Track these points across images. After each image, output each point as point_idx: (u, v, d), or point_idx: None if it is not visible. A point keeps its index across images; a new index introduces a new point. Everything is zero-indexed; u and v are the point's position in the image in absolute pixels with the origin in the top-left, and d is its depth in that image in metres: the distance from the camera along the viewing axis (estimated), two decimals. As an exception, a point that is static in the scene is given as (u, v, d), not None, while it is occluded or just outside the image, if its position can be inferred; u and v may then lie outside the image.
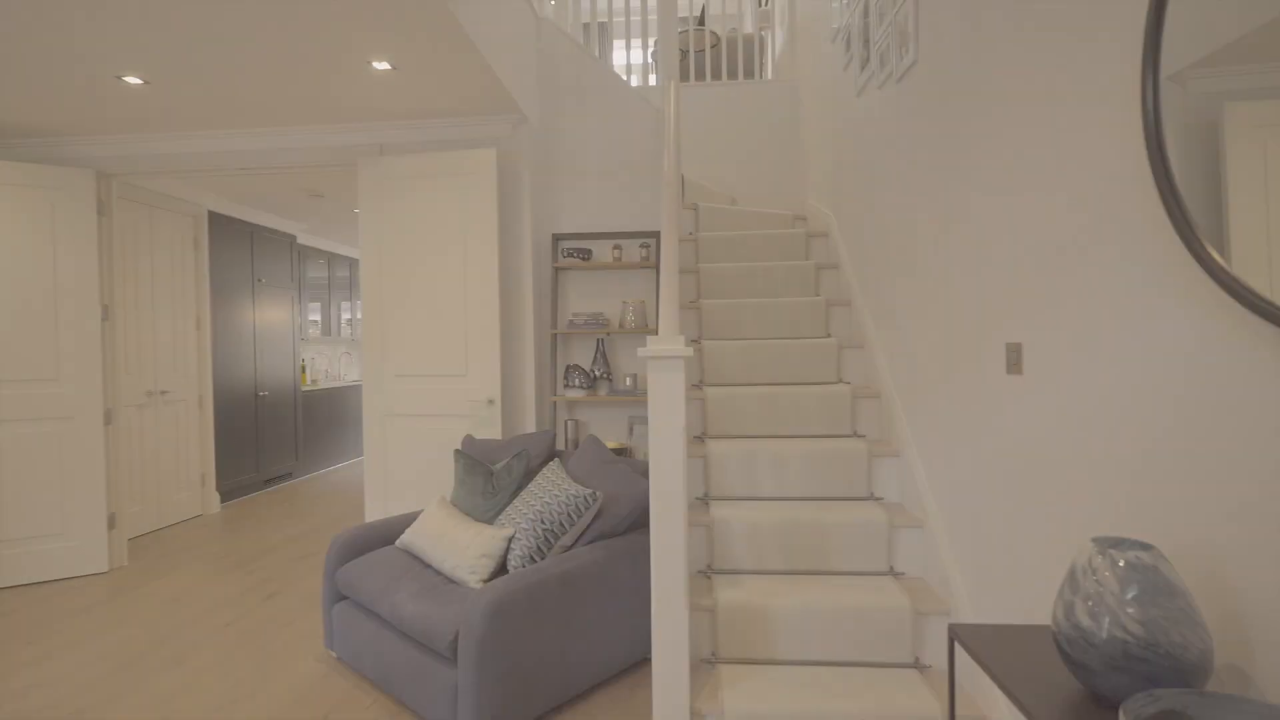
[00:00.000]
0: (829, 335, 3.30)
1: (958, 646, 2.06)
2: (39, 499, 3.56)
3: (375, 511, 3.58)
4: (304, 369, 6.50)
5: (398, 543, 2.70)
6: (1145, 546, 1.06)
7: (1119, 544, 1.10)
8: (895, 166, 2.65)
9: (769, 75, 5.57)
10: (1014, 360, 1.75)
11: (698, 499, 2.68)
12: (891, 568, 2.39)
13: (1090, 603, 1.03)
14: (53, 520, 3.59)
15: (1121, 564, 1.02)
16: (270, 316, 5.83)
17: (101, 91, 3.08)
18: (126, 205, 4.36)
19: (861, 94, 3.10)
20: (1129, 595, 1.00)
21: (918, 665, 2.12)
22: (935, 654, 2.14)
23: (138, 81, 2.97)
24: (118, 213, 3.86)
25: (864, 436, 2.83)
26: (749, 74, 5.37)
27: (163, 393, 4.63)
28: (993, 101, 1.85)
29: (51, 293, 3.58)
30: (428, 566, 2.51)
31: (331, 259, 7.10)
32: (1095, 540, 1.10)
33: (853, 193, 3.33)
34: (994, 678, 1.15)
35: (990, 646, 1.24)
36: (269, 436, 5.80)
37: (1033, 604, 1.70)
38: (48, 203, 3.58)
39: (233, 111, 3.39)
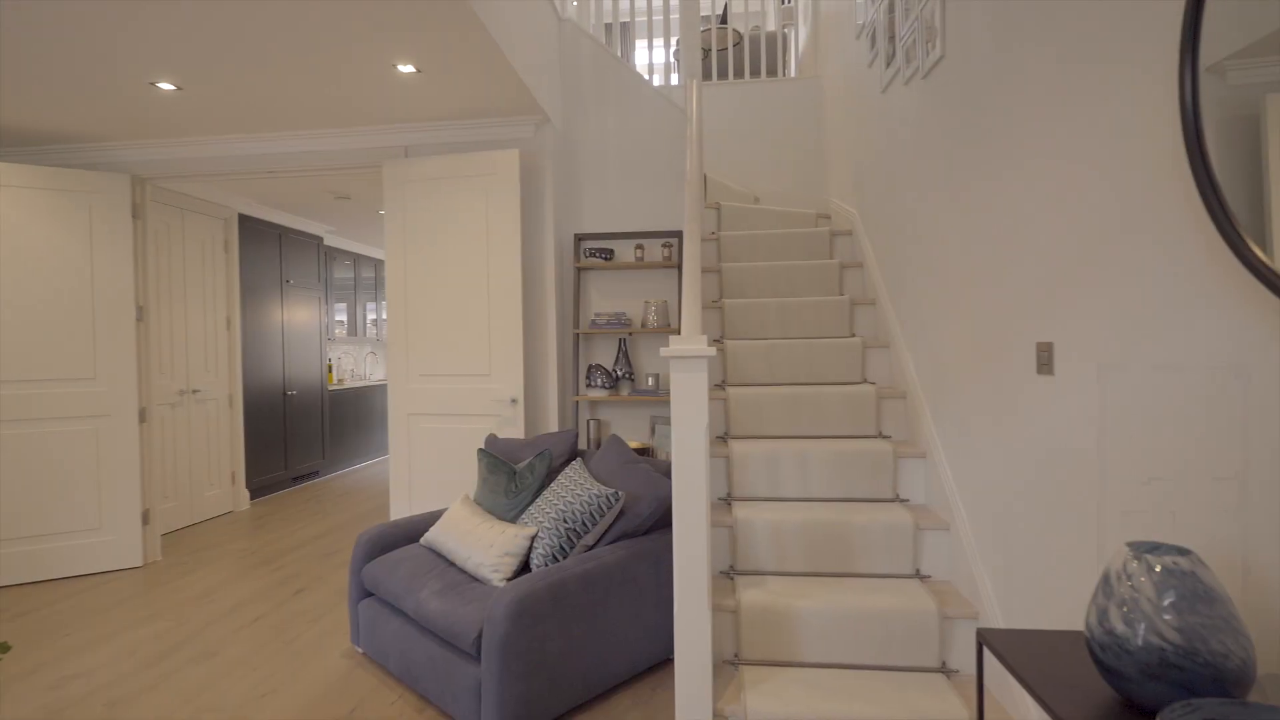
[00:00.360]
0: (853, 335, 3.26)
1: (986, 652, 2.02)
2: (77, 495, 3.66)
3: (400, 509, 3.62)
4: (330, 369, 6.60)
5: (422, 540, 2.73)
6: (1183, 551, 1.03)
7: (1155, 549, 1.07)
8: (921, 163, 2.61)
9: (792, 73, 5.53)
10: (1045, 360, 1.71)
11: (720, 499, 2.67)
12: (917, 570, 2.35)
13: (1125, 609, 1.01)
14: (90, 515, 3.69)
15: (1158, 569, 1.00)
16: (298, 317, 5.93)
17: (136, 98, 3.16)
18: (159, 208, 4.47)
19: (886, 90, 3.06)
20: (1166, 601, 0.97)
21: (944, 670, 2.08)
22: (962, 659, 2.11)
23: (170, 88, 3.04)
24: (151, 216, 3.95)
25: (889, 437, 2.80)
26: (772, 72, 5.33)
27: (194, 391, 4.74)
28: (1022, 96, 1.81)
29: (89, 294, 3.68)
30: (451, 564, 2.53)
31: (357, 260, 7.20)
32: (1130, 545, 1.07)
33: (877, 190, 3.30)
34: (1024, 684, 1.13)
35: (1021, 652, 1.22)
36: (297, 435, 5.90)
37: (1064, 609, 1.67)
38: (85, 206, 3.68)
39: (261, 116, 3.45)
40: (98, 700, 2.37)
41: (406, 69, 2.92)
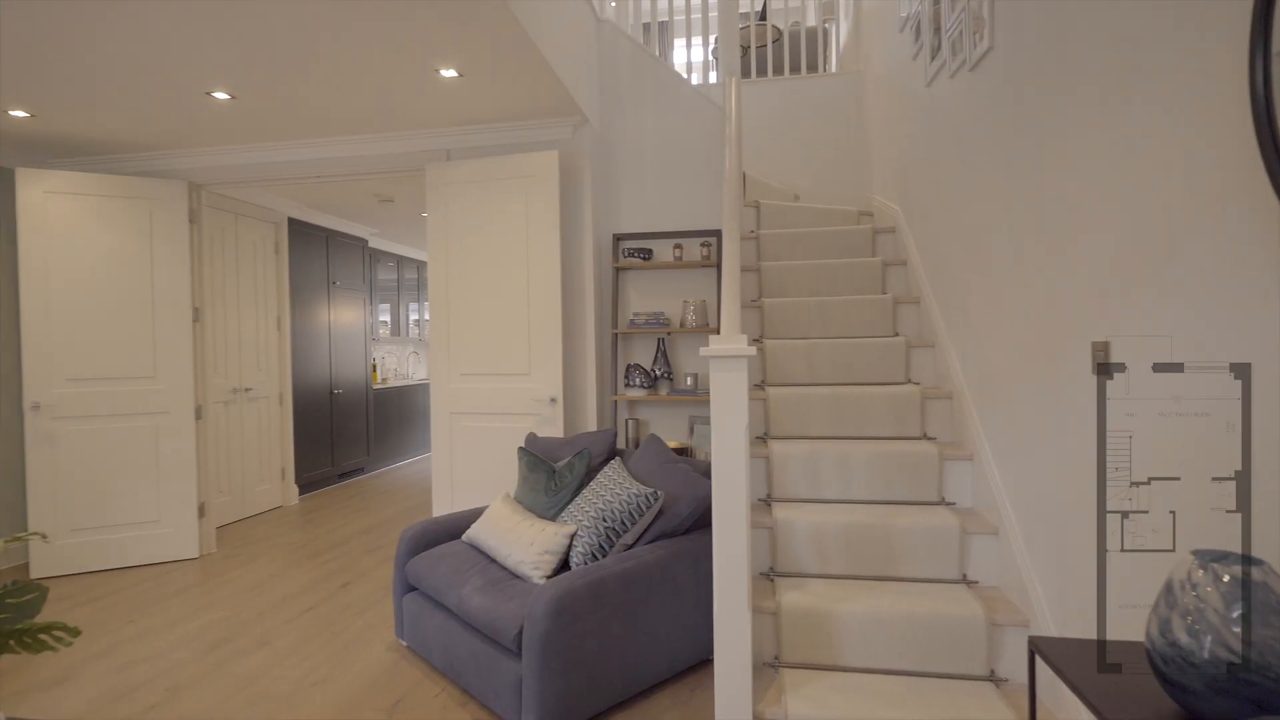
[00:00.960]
0: (897, 334, 3.20)
1: (1039, 661, 1.96)
2: (138, 489, 3.83)
3: (442, 506, 3.68)
4: (375, 368, 6.76)
5: (464, 537, 2.77)
6: (1254, 561, 0.98)
7: (1223, 558, 1.02)
8: (967, 157, 2.54)
9: (833, 68, 5.45)
10: (1101, 359, 1.65)
11: (760, 500, 2.65)
12: (964, 575, 2.29)
13: (1189, 619, 0.96)
14: (150, 508, 3.85)
15: (1226, 579, 0.95)
16: (344, 317, 6.08)
17: (193, 107, 3.28)
18: (214, 213, 4.63)
19: (932, 84, 2.99)
20: (1234, 613, 0.93)
21: (993, 678, 2.03)
22: (1012, 667, 2.05)
23: (225, 97, 3.15)
24: (206, 220, 4.11)
25: (934, 439, 2.73)
26: (812, 68, 5.26)
27: (246, 390, 4.90)
28: (1076, 86, 1.75)
29: (149, 297, 3.84)
30: (493, 561, 2.57)
31: (401, 262, 7.35)
32: (1195, 553, 1.02)
33: (921, 186, 3.22)
34: (1080, 695, 1.09)
35: (1076, 662, 1.18)
36: (343, 433, 6.06)
37: (1120, 618, 1.60)
38: (146, 212, 3.84)
39: (310, 123, 3.55)
40: (159, 685, 2.47)
41: (448, 73, 2.97)
